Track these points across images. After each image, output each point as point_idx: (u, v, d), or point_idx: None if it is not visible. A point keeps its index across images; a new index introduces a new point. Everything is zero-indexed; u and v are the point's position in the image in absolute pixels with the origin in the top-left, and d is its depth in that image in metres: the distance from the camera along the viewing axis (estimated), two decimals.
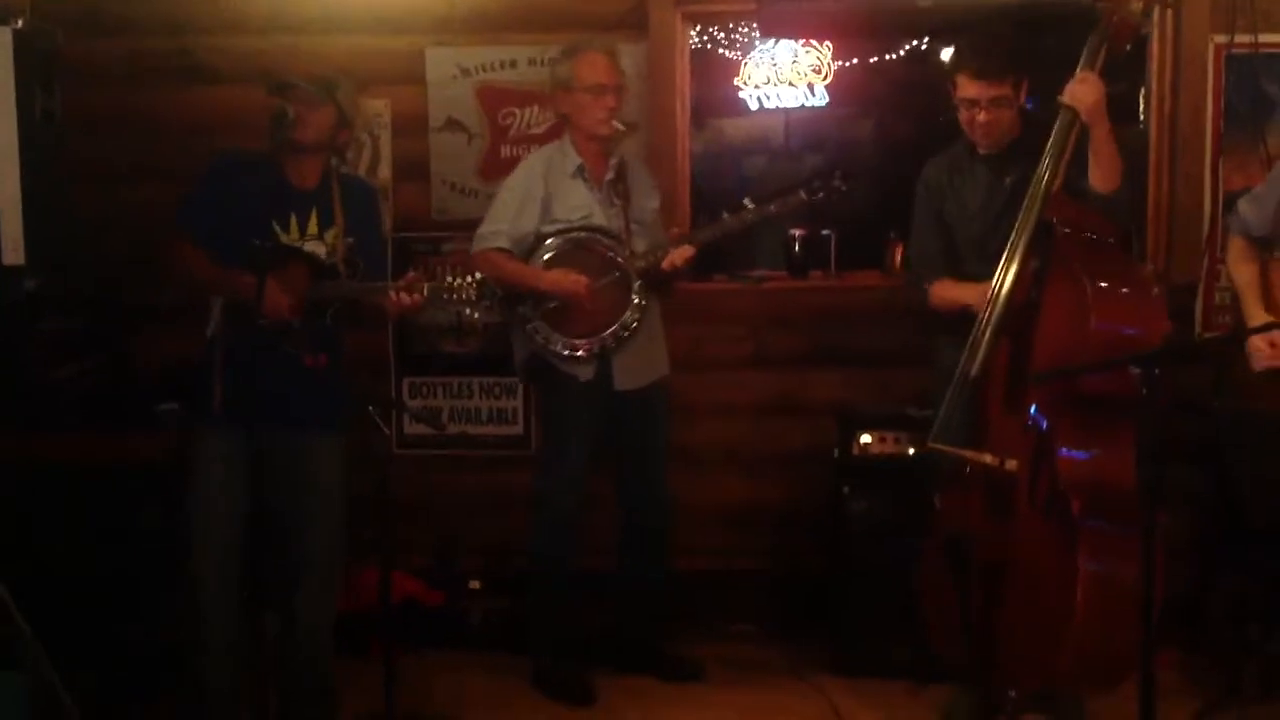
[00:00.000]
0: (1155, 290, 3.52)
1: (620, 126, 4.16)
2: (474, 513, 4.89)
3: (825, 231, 5.16)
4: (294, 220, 3.77)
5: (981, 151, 3.86)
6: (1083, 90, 3.52)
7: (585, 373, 4.18)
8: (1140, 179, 4.70)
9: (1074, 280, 3.40)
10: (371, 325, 4.49)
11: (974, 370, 3.58)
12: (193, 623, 3.78)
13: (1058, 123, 3.57)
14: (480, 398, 4.96)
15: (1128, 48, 3.57)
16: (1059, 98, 3.56)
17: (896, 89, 7.57)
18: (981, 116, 3.76)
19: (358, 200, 3.89)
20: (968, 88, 3.75)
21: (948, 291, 3.90)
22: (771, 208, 4.20)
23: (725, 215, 4.26)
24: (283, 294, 3.65)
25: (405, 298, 3.67)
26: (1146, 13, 3.56)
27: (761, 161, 8.08)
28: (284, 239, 3.75)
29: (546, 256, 4.14)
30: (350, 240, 3.79)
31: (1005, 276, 3.56)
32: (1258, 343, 3.67)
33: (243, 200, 3.72)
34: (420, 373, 4.98)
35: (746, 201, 4.21)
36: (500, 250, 4.13)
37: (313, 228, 3.79)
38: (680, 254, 4.14)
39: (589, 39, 4.24)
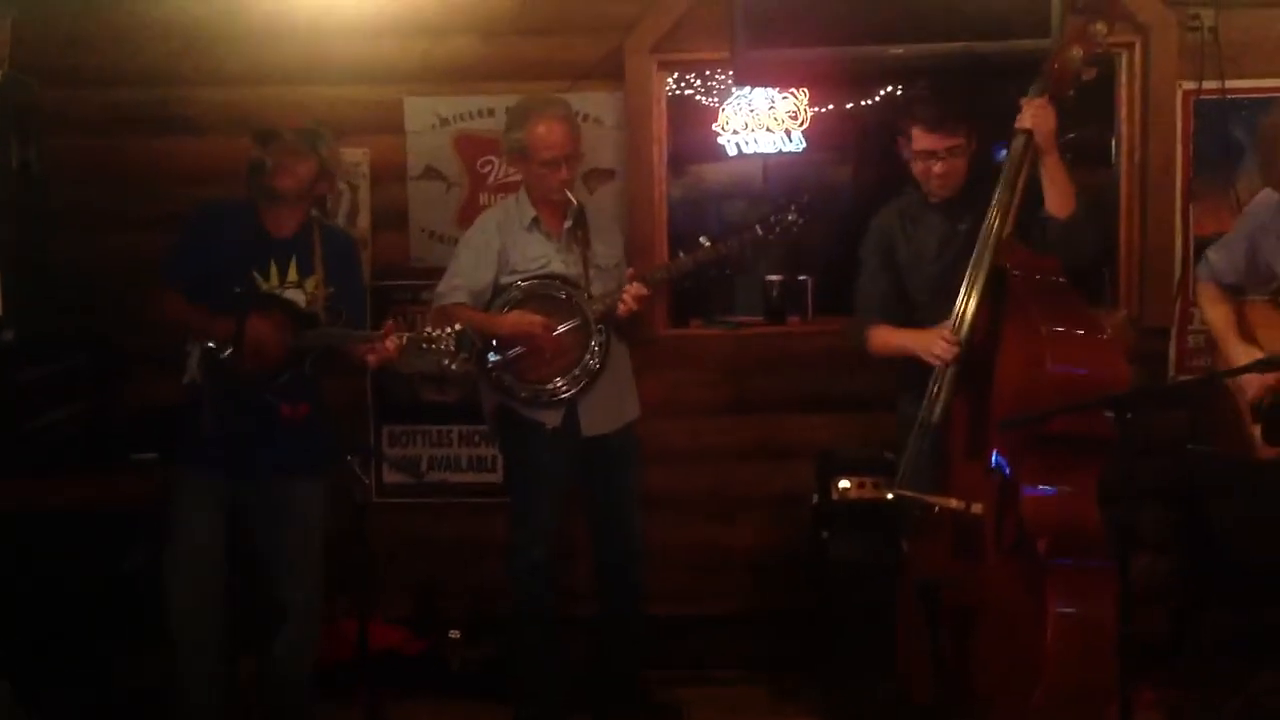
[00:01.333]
0: (1109, 333, 3.54)
1: (574, 200, 4.15)
2: (454, 560, 4.88)
3: (802, 277, 5.19)
4: (273, 268, 3.80)
5: (933, 200, 3.90)
6: (1040, 114, 3.56)
7: (552, 419, 4.18)
8: (1112, 223, 4.76)
9: (1029, 323, 3.42)
10: (349, 373, 4.50)
11: (935, 415, 3.61)
12: (173, 666, 3.78)
13: (1011, 149, 3.61)
14: (460, 446, 4.95)
15: (1071, 93, 3.62)
16: (1016, 123, 3.61)
17: (873, 134, 7.63)
18: (938, 168, 3.80)
19: (337, 249, 3.92)
20: (923, 140, 3.79)
21: (889, 338, 3.93)
22: (728, 245, 4.22)
23: (681, 254, 4.29)
24: (264, 335, 3.66)
25: (384, 346, 3.69)
26: (1088, 60, 3.59)
27: (740, 206, 8.11)
28: (264, 286, 3.77)
29: (506, 306, 4.16)
30: (331, 289, 3.82)
31: (963, 319, 3.59)
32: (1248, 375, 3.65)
33: (223, 249, 3.76)
34: (400, 421, 4.99)
35: (702, 240, 4.24)
36: (459, 305, 4.14)
37: (292, 275, 3.81)
38: (630, 293, 4.14)
39: (541, 100, 4.24)
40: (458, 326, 3.74)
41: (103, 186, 4.84)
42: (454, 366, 3.74)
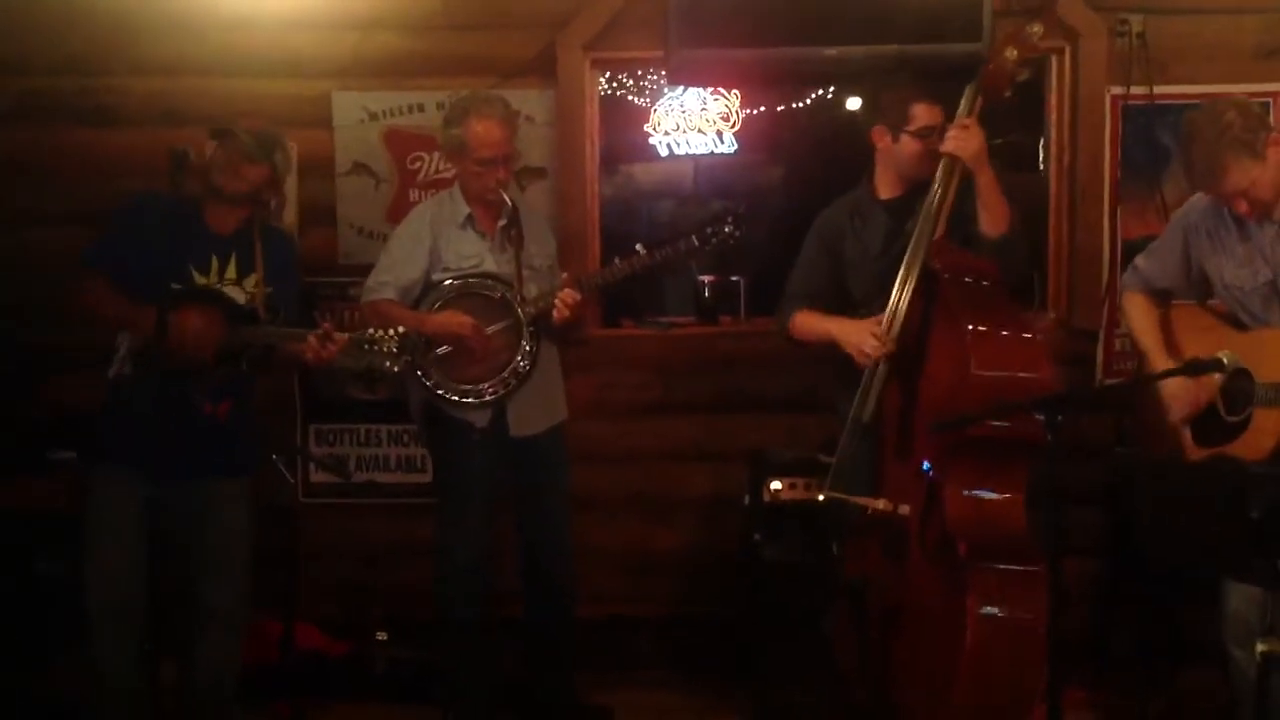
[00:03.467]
0: (1036, 335, 3.55)
1: (509, 201, 4.08)
2: (382, 561, 4.82)
3: (734, 277, 5.19)
4: (213, 264, 3.72)
5: (884, 196, 3.90)
6: (965, 138, 3.58)
7: (480, 419, 4.13)
8: (1041, 227, 4.79)
9: (955, 326, 3.43)
10: (283, 371, 4.43)
11: (865, 415, 3.61)
12: (91, 672, 3.69)
13: (939, 171, 3.63)
14: (388, 445, 4.90)
15: (1007, 94, 3.64)
16: (940, 147, 3.62)
17: (804, 136, 7.69)
18: (935, 144, 3.75)
19: (277, 249, 3.86)
20: (925, 115, 3.78)
21: (814, 323, 3.90)
22: (664, 253, 4.19)
23: (617, 260, 4.25)
24: (197, 329, 3.58)
25: (324, 346, 3.63)
26: (1022, 62, 3.61)
27: (671, 206, 8.14)
28: (202, 283, 3.69)
29: (437, 304, 4.11)
30: (269, 289, 3.75)
31: (894, 321, 3.59)
32: (1175, 391, 3.65)
33: (160, 242, 3.68)
34: (327, 419, 4.91)
35: (639, 248, 4.21)
36: (387, 301, 4.09)
37: (231, 273, 3.75)
38: (564, 298, 4.08)
39: (481, 98, 4.14)
40: (401, 329, 3.70)
41: (19, 179, 4.73)
42: (396, 369, 3.69)
